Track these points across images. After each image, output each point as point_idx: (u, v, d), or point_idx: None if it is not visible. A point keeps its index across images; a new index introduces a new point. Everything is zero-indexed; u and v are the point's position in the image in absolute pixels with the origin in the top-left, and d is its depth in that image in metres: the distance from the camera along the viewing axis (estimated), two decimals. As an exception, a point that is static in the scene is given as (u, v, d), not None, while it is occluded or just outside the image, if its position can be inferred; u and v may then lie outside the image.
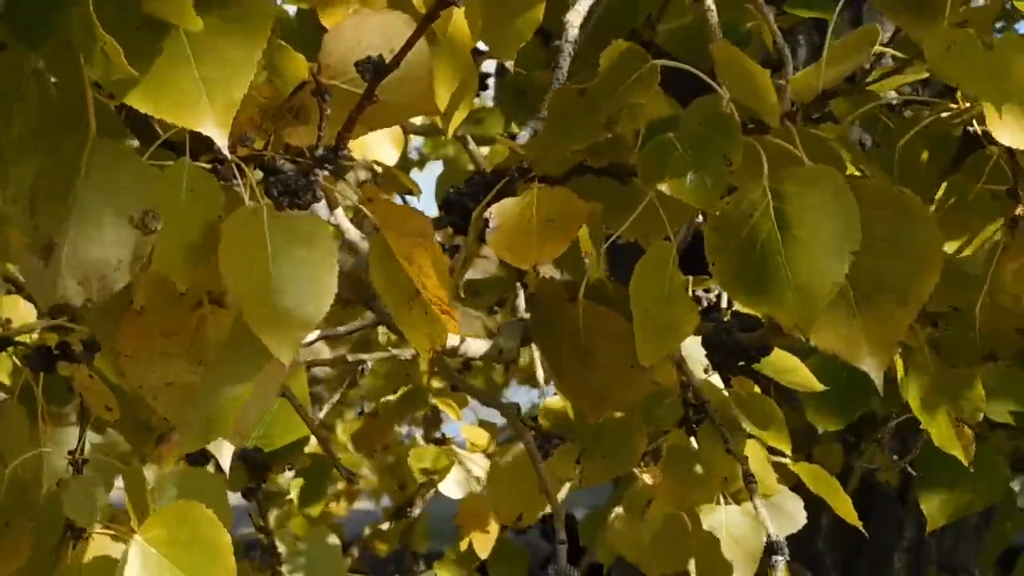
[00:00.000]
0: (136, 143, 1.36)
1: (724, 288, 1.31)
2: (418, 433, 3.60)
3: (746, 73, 1.36)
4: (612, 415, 1.87)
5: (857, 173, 1.50)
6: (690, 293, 2.14)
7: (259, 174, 1.31)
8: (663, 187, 1.32)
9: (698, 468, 1.93)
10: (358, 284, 1.59)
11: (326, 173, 1.30)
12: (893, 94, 1.70)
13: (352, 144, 1.81)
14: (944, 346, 1.62)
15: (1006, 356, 1.59)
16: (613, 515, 2.09)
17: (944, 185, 1.55)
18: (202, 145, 1.23)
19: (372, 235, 1.31)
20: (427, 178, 6.46)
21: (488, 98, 3.38)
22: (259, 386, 1.28)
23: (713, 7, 1.97)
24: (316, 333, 2.04)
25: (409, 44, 1.26)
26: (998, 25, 2.75)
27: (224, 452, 1.63)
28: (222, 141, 1.16)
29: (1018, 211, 1.52)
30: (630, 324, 1.41)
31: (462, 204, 1.54)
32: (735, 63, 1.36)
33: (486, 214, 1.41)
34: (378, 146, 1.83)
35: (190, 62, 1.15)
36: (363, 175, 2.30)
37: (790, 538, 2.03)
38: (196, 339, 1.27)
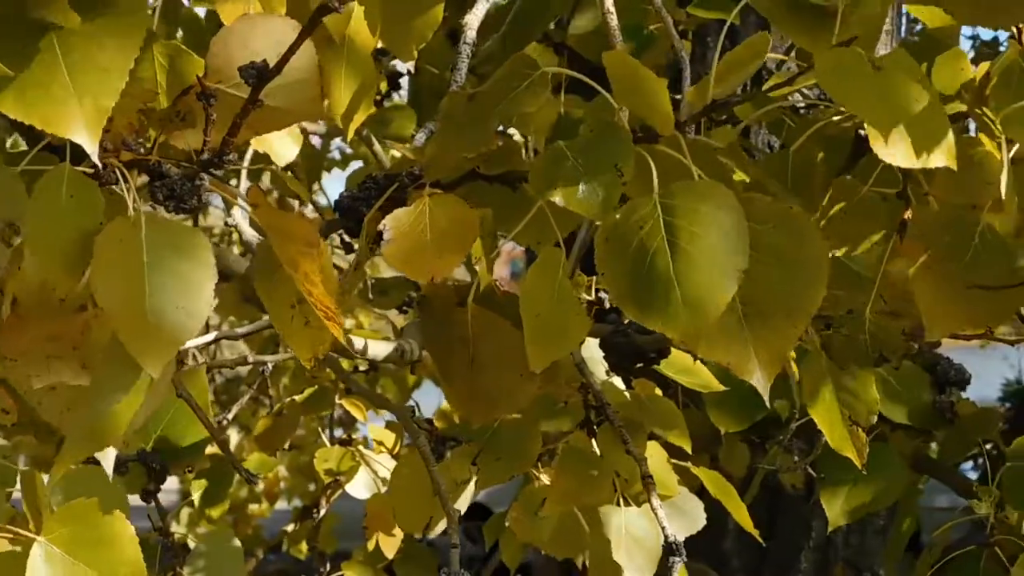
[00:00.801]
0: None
1: (615, 300, 1.30)
2: (337, 433, 3.60)
3: (639, 81, 1.37)
4: (509, 417, 1.87)
5: (746, 179, 1.51)
6: (593, 294, 2.15)
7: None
8: (556, 198, 1.32)
9: (592, 469, 1.94)
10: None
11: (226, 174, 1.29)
12: (798, 96, 1.71)
13: (255, 140, 1.81)
14: (834, 348, 1.64)
15: (894, 358, 1.60)
16: (510, 515, 2.09)
17: (833, 187, 1.56)
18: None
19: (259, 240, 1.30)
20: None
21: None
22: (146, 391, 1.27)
23: (613, 11, 1.98)
24: (214, 334, 2.04)
25: (292, 49, 1.26)
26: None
27: (107, 457, 1.62)
28: (92, 148, 1.15)
29: (907, 214, 1.53)
30: (520, 330, 1.42)
31: (355, 208, 1.53)
32: (627, 71, 1.36)
33: (380, 226, 1.40)
34: (277, 146, 1.82)
35: (61, 69, 1.15)
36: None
37: (698, 538, 2.04)
38: (81, 343, 1.26)
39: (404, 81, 3.17)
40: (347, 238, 1.57)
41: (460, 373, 1.52)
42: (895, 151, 1.33)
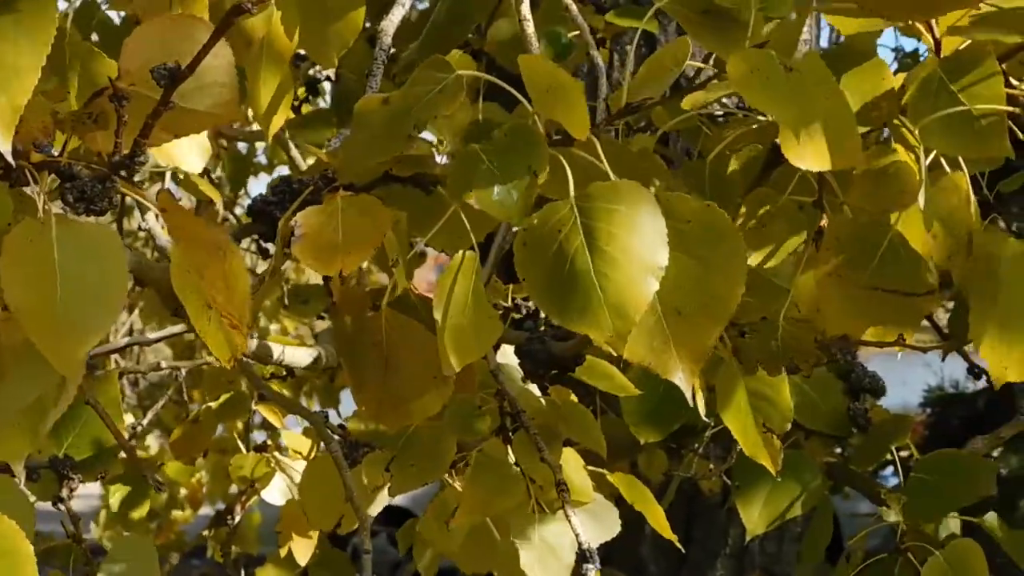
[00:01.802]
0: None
1: (537, 304, 1.30)
2: (260, 438, 3.58)
3: (555, 85, 1.37)
4: (423, 423, 1.86)
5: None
6: (509, 301, 2.15)
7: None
8: (470, 200, 1.32)
9: (505, 476, 1.93)
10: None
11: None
12: (717, 106, 1.71)
13: (157, 152, 1.80)
14: (746, 355, 1.64)
15: (806, 366, 1.61)
16: (420, 523, 2.08)
17: (749, 196, 1.56)
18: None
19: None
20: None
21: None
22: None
23: (529, 18, 1.99)
24: (127, 339, 2.02)
25: (205, 50, 1.25)
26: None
27: (18, 464, 1.60)
28: (4, 148, 1.14)
29: (822, 223, 1.54)
30: (433, 334, 1.42)
31: (269, 212, 1.53)
32: (543, 74, 1.36)
33: (291, 222, 1.40)
34: (183, 153, 1.81)
35: (-30, 68, 1.13)
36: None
37: (615, 545, 2.04)
38: (-9, 346, 1.25)
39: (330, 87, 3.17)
40: (263, 243, 1.56)
41: (373, 378, 1.51)
42: (805, 154, 1.34)
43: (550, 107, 1.40)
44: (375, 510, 1.91)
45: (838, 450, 2.68)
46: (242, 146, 3.81)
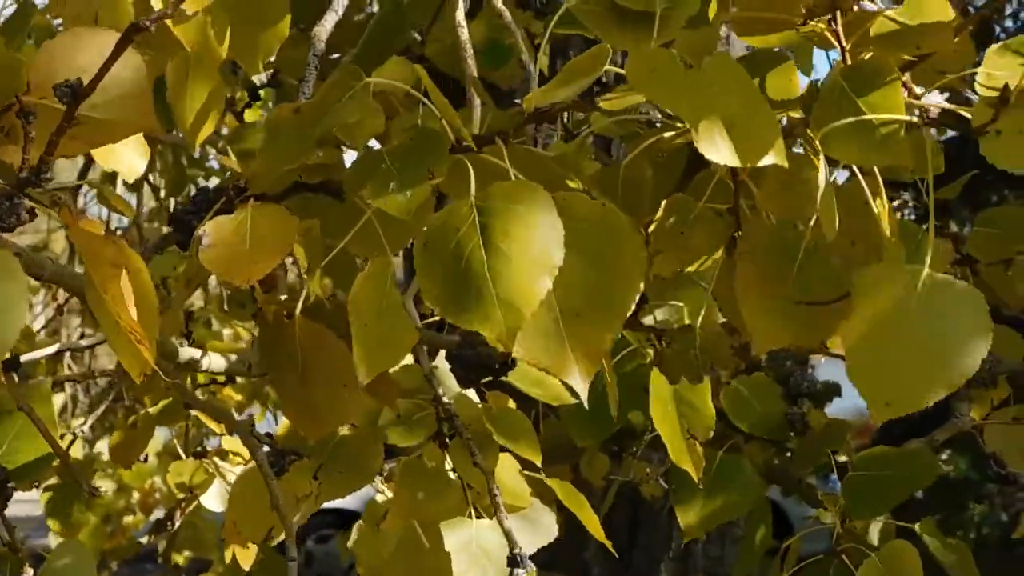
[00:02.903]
0: None
1: (431, 302, 1.30)
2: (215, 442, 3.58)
3: (435, 96, 1.38)
4: (352, 429, 1.87)
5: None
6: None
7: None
8: (365, 194, 1.33)
9: (435, 482, 1.94)
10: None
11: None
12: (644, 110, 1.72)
13: (97, 155, 1.80)
14: (668, 364, 1.65)
15: (724, 373, 1.62)
16: (354, 529, 2.09)
17: (667, 202, 1.57)
18: None
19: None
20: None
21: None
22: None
23: (464, 25, 1.99)
24: (56, 346, 2.02)
25: (106, 67, 1.25)
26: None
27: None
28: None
29: (737, 231, 1.54)
30: (348, 341, 1.42)
31: (186, 221, 1.53)
32: (430, 87, 1.37)
33: (199, 232, 1.41)
34: (122, 158, 1.81)
35: None
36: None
37: (559, 548, 2.04)
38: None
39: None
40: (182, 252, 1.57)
41: (290, 387, 1.52)
42: (720, 150, 1.34)
43: (443, 114, 1.41)
44: (303, 519, 1.91)
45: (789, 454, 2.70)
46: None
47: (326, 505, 1.98)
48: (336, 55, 2.78)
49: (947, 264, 2.48)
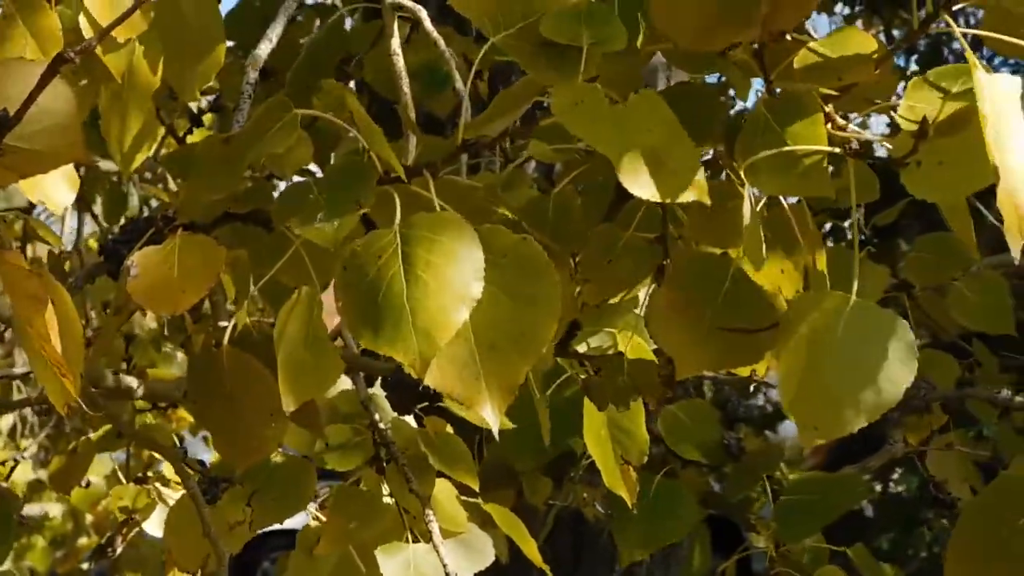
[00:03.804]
0: None
1: (348, 327, 1.31)
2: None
3: (365, 125, 1.39)
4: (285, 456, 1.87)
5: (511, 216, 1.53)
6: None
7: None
8: (292, 224, 1.34)
9: (369, 506, 1.94)
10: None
11: None
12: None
13: (24, 187, 1.80)
14: (596, 391, 1.66)
15: (652, 401, 1.63)
16: (291, 556, 2.08)
17: (595, 232, 1.58)
18: None
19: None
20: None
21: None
22: None
23: (399, 52, 2.00)
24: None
25: (30, 99, 1.25)
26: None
27: None
28: None
29: (664, 261, 1.55)
30: (275, 370, 1.42)
31: (117, 252, 1.53)
32: (359, 116, 1.38)
33: (128, 263, 1.41)
34: (50, 189, 1.81)
35: None
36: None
37: (504, 571, 2.05)
38: None
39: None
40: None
41: (219, 415, 1.52)
42: (642, 185, 1.35)
43: (372, 146, 1.42)
44: (236, 547, 1.90)
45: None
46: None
47: (283, 525, 1.98)
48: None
49: (884, 290, 2.50)
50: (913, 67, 7.53)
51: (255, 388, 1.49)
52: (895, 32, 7.11)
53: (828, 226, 5.37)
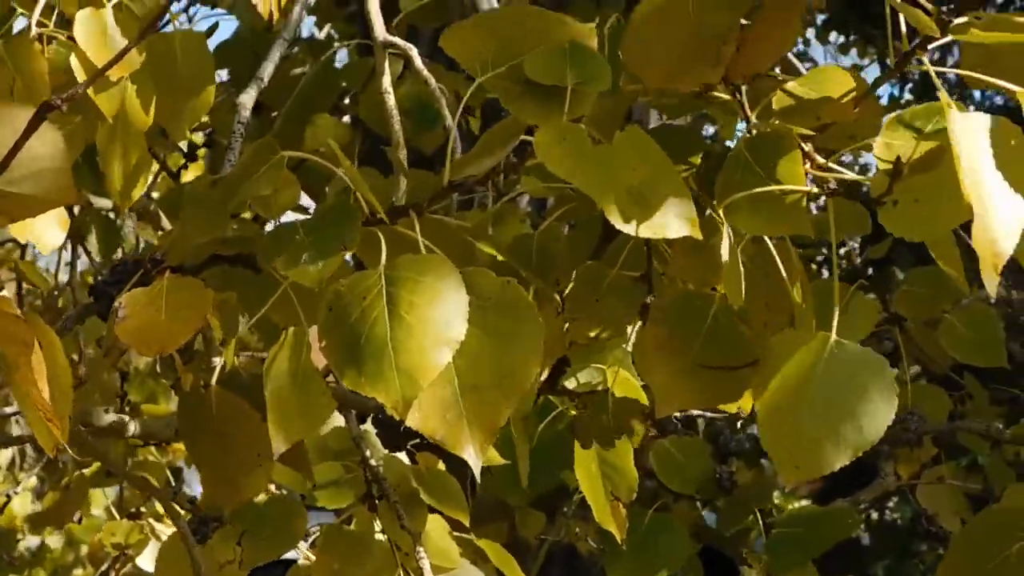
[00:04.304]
0: None
1: (332, 367, 1.32)
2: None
3: (346, 169, 1.40)
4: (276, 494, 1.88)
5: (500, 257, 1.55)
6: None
7: None
8: (278, 266, 1.35)
9: (358, 545, 1.95)
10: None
11: None
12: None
13: (13, 229, 1.81)
14: (581, 429, 1.67)
15: (634, 440, 1.64)
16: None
17: (580, 270, 1.59)
18: None
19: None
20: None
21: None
22: None
23: (390, 90, 2.02)
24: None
25: (18, 145, 1.26)
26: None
27: None
28: None
29: (648, 299, 1.56)
30: (264, 411, 1.43)
31: (106, 293, 1.54)
32: (343, 159, 1.39)
33: (116, 304, 1.42)
34: (40, 230, 1.82)
35: None
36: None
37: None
38: None
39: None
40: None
41: (208, 455, 1.53)
42: (629, 221, 1.36)
43: (356, 187, 1.43)
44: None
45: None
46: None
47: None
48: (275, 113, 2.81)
49: (875, 323, 2.51)
50: (907, 96, 7.55)
51: (243, 429, 1.50)
52: (888, 61, 7.12)
53: (823, 255, 5.38)
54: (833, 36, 7.86)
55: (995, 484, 2.84)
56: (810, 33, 7.55)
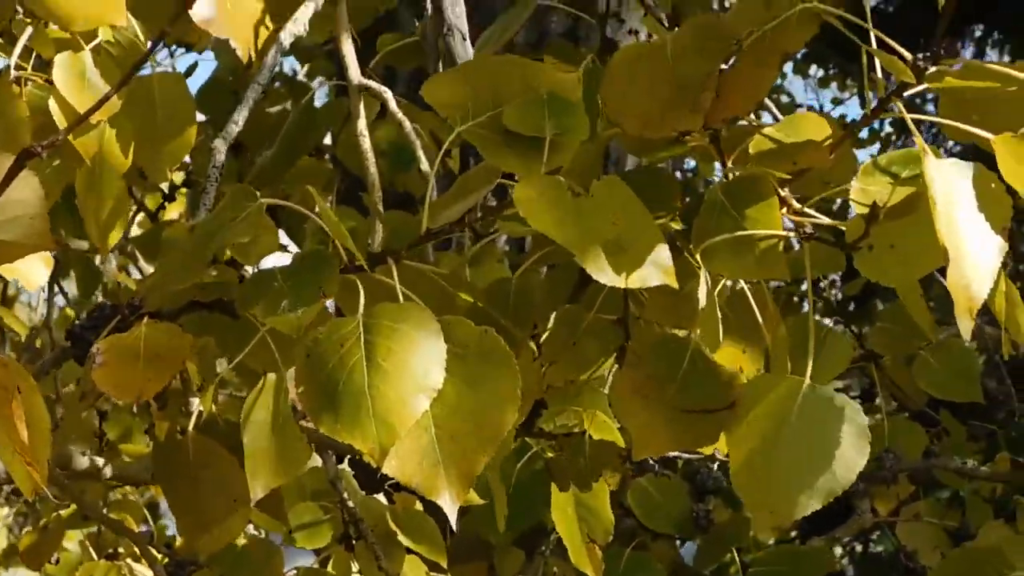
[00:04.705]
0: None
1: (308, 413, 1.32)
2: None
3: (326, 217, 1.41)
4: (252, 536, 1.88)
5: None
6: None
7: None
8: (256, 312, 1.35)
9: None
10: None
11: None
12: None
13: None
14: (557, 471, 1.67)
15: (611, 481, 1.64)
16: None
17: (558, 314, 1.59)
18: None
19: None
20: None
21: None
22: None
23: (366, 133, 2.02)
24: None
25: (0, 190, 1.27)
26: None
27: None
28: None
29: (625, 342, 1.57)
30: (240, 456, 1.43)
31: (83, 337, 1.54)
32: (321, 207, 1.40)
33: (93, 350, 1.42)
34: (25, 270, 1.82)
35: None
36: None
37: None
38: None
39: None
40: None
41: (184, 501, 1.53)
42: (607, 272, 1.36)
43: (334, 235, 1.43)
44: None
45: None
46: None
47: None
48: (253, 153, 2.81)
49: (850, 360, 2.51)
50: (887, 128, 7.57)
51: (220, 473, 1.50)
52: (869, 95, 7.14)
53: (803, 291, 5.38)
54: (812, 69, 7.88)
55: (971, 520, 2.85)
56: (788, 67, 7.58)
